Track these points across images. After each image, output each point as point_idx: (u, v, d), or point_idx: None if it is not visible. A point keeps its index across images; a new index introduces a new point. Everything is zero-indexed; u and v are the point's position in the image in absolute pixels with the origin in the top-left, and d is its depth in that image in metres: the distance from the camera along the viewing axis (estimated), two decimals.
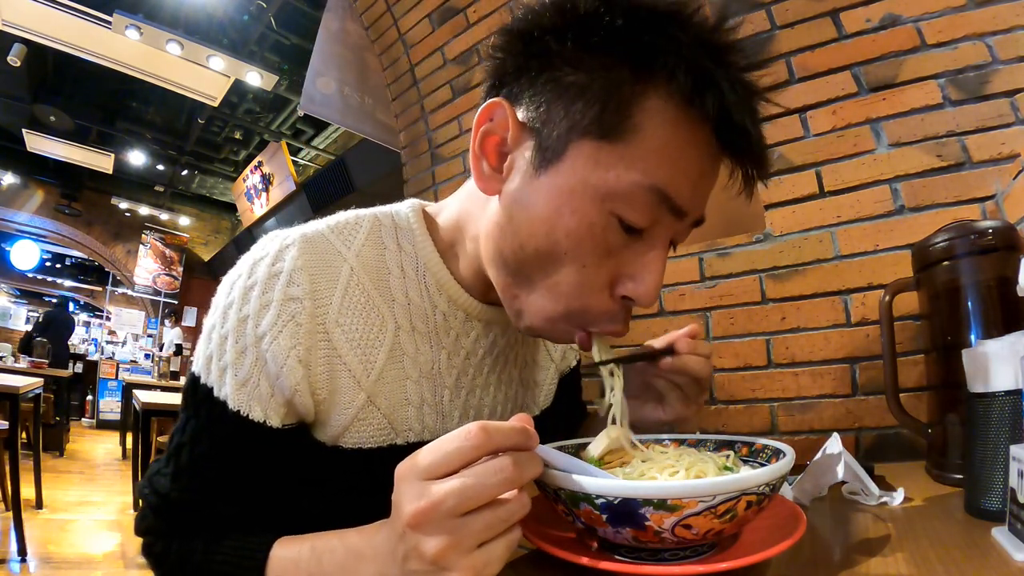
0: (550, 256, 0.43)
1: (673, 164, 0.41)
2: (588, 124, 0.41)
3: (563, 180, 0.42)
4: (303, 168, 6.80)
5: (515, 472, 0.34)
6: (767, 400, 1.12)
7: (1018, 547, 0.41)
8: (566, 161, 0.42)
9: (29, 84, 4.98)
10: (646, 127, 0.40)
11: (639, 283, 0.44)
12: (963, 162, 0.97)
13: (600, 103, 0.40)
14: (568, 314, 0.46)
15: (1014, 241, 0.69)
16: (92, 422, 7.63)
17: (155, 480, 0.50)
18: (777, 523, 0.44)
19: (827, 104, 1.11)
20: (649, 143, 0.40)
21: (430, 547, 0.33)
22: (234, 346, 0.47)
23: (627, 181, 0.40)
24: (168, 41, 3.71)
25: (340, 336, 0.49)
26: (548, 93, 0.42)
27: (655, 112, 0.40)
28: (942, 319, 0.73)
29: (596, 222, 0.42)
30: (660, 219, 0.42)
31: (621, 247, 0.43)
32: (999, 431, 0.52)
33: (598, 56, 0.41)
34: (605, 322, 0.46)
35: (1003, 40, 0.96)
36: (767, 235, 1.15)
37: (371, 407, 0.51)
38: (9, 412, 2.51)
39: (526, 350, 0.67)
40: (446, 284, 0.55)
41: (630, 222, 0.42)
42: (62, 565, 2.42)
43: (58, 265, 9.94)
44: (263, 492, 0.51)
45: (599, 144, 0.41)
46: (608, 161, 0.41)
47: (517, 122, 0.45)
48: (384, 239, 0.54)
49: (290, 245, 0.49)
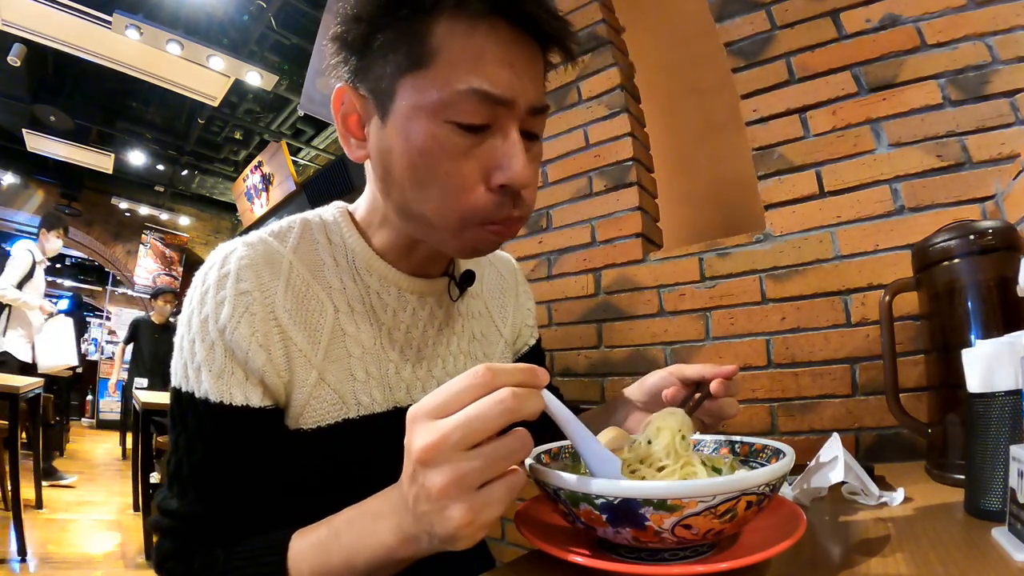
0: (421, 179, 0.50)
1: (476, 64, 0.47)
2: (401, 65, 0.48)
3: (401, 116, 0.49)
4: (303, 168, 6.80)
5: (515, 402, 0.35)
6: (767, 400, 1.12)
7: (1018, 547, 0.41)
8: (398, 101, 0.49)
9: (29, 84, 4.97)
10: (445, 45, 0.47)
11: (505, 168, 0.49)
12: (963, 162, 0.97)
13: (404, 44, 0.48)
14: (464, 218, 0.50)
15: (1014, 241, 0.69)
16: (92, 422, 7.63)
17: (163, 505, 0.53)
18: (777, 523, 0.44)
19: (827, 104, 1.11)
20: (452, 55, 0.47)
21: (436, 482, 0.34)
22: (202, 345, 0.52)
23: (446, 92, 0.47)
24: (168, 41, 3.71)
25: (288, 321, 0.54)
26: (371, 60, 0.50)
27: (447, 31, 0.47)
28: (942, 319, 0.73)
29: (436, 133, 0.48)
30: (494, 113, 0.48)
31: (473, 147, 0.49)
32: (999, 431, 0.52)
33: (389, 10, 0.48)
34: (496, 211, 0.50)
35: (1003, 40, 0.96)
36: (767, 235, 1.15)
37: (322, 384, 0.55)
38: (9, 412, 2.51)
39: (471, 323, 0.71)
40: (374, 264, 0.60)
41: (466, 123, 0.47)
42: (62, 565, 2.42)
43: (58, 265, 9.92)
44: (264, 487, 0.53)
45: (415, 75, 0.48)
46: (425, 84, 0.47)
47: (360, 96, 0.53)
48: (316, 236, 0.61)
49: (234, 250, 0.55)
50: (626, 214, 1.39)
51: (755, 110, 1.20)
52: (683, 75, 1.61)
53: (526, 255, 1.59)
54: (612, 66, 1.46)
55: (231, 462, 0.52)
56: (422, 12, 0.47)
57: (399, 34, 0.48)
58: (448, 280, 0.66)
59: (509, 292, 0.79)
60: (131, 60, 4.10)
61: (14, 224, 7.58)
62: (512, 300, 0.79)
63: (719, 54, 1.28)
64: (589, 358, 1.41)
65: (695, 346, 1.22)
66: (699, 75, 1.57)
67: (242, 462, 0.52)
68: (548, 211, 1.56)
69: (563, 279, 1.49)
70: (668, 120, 1.61)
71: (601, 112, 1.47)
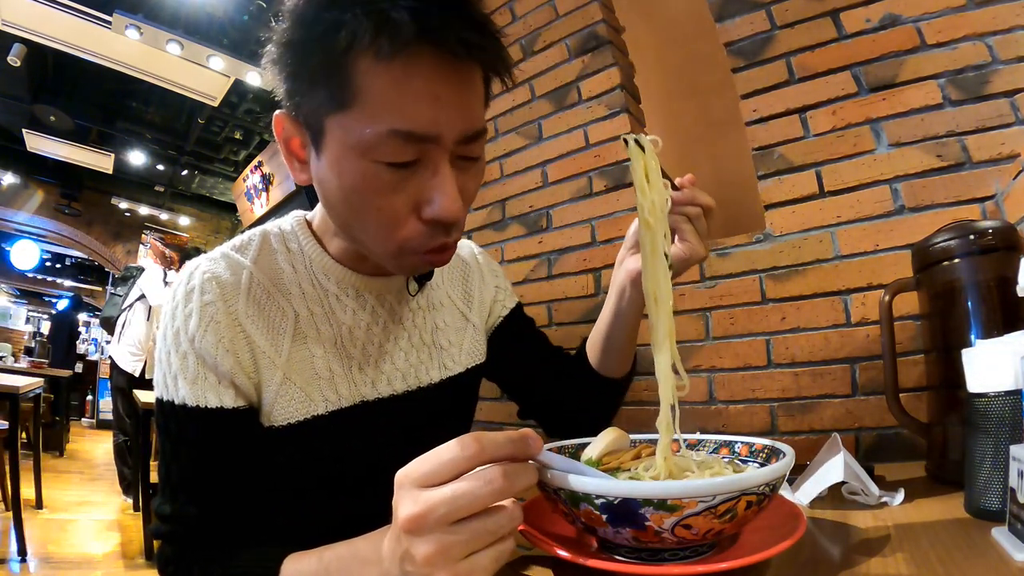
0: (355, 212, 0.51)
1: (397, 103, 0.46)
2: (326, 103, 0.48)
3: (331, 153, 0.49)
4: None
5: (505, 484, 0.35)
6: (767, 400, 1.12)
7: (1018, 547, 0.41)
8: (328, 138, 0.49)
9: (29, 84, 4.97)
10: (365, 86, 0.46)
11: (435, 203, 0.49)
12: (963, 162, 0.97)
13: (329, 81, 0.47)
14: (400, 248, 0.52)
15: (1014, 241, 0.69)
16: (92, 422, 7.63)
17: (159, 511, 0.56)
18: (777, 523, 0.44)
19: (827, 104, 1.11)
20: (372, 96, 0.46)
21: (421, 551, 0.34)
22: (176, 355, 0.55)
23: (370, 134, 0.46)
24: (168, 41, 3.70)
25: (251, 327, 0.57)
26: (302, 91, 0.50)
27: (368, 69, 0.45)
28: (942, 319, 0.73)
29: (366, 172, 0.48)
30: (420, 149, 0.47)
31: (402, 181, 0.48)
32: (999, 431, 0.52)
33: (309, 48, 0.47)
34: (428, 241, 0.52)
35: (1003, 40, 0.96)
36: (767, 235, 1.15)
37: (288, 383, 0.58)
38: (9, 412, 2.51)
39: (433, 315, 0.72)
40: (330, 268, 0.63)
41: (393, 161, 0.47)
42: (62, 565, 2.42)
43: (58, 265, 9.93)
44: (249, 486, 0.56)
45: (341, 115, 0.47)
46: (350, 124, 0.47)
47: (297, 124, 0.52)
48: (275, 245, 0.64)
49: (198, 266, 0.59)
50: (626, 214, 1.39)
51: (755, 110, 1.20)
52: (683, 75, 1.61)
53: (526, 255, 1.59)
54: (612, 66, 1.46)
55: (215, 463, 0.55)
56: (340, 51, 0.45)
57: (324, 68, 0.47)
58: (405, 277, 0.67)
59: (473, 276, 0.80)
60: (131, 60, 4.10)
61: (14, 224, 7.57)
62: (477, 283, 0.80)
63: (719, 54, 1.28)
64: None
65: (695, 346, 1.22)
66: (699, 75, 1.57)
67: (225, 462, 0.55)
68: (548, 211, 1.56)
69: (563, 279, 1.49)
70: (668, 120, 1.61)
71: (601, 112, 1.47)
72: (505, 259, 1.64)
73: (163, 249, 3.98)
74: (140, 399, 2.82)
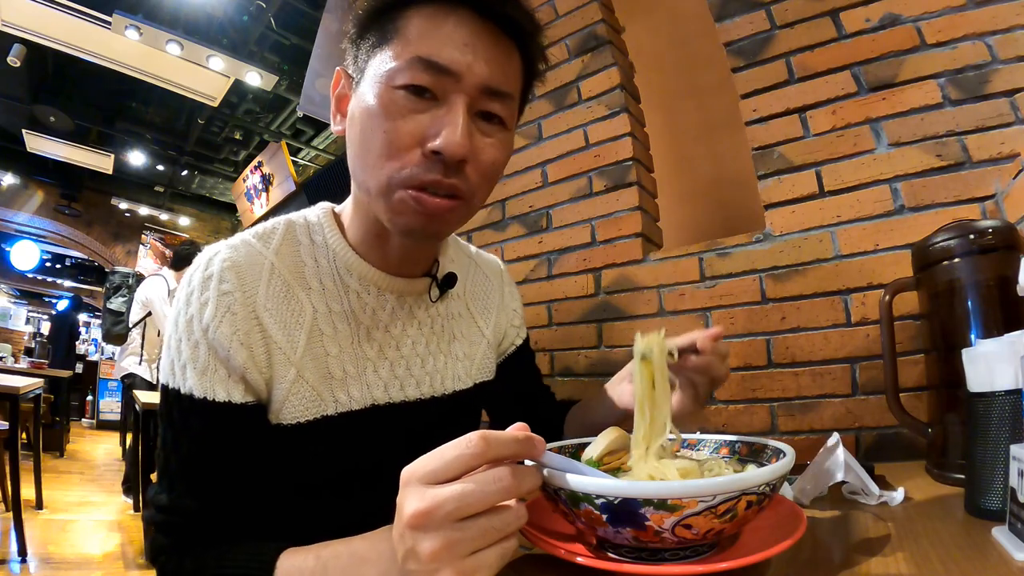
0: (366, 140, 0.53)
1: (430, 38, 0.51)
2: (372, 48, 0.54)
3: (363, 87, 0.54)
4: (303, 168, 6.79)
5: (513, 483, 0.35)
6: (767, 400, 1.12)
7: (1018, 547, 0.41)
8: (366, 75, 0.54)
9: (29, 84, 4.96)
10: (407, 26, 0.52)
11: (440, 136, 0.50)
12: (963, 162, 0.97)
13: (374, 30, 0.55)
14: (391, 178, 0.52)
15: (1014, 241, 0.69)
16: (92, 422, 7.63)
17: (155, 500, 0.55)
18: (777, 523, 0.44)
19: (827, 104, 1.11)
20: (410, 32, 0.52)
21: (426, 547, 0.34)
22: (187, 344, 0.54)
23: (399, 61, 0.51)
24: (168, 41, 3.70)
25: (269, 320, 0.56)
26: (358, 47, 0.57)
27: (411, 15, 0.53)
28: (942, 319, 0.73)
29: (385, 97, 0.52)
30: (439, 81, 0.51)
31: (416, 111, 0.51)
32: (999, 431, 0.52)
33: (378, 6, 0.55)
34: (422, 173, 0.51)
35: (1003, 40, 0.96)
36: (767, 235, 1.15)
37: (301, 380, 0.57)
38: (9, 412, 2.51)
39: (452, 324, 0.72)
40: (354, 264, 0.62)
41: (410, 84, 0.51)
42: (62, 565, 2.41)
43: (58, 265, 9.93)
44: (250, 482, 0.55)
45: (381, 51, 0.53)
46: (386, 57, 0.53)
47: (349, 76, 0.59)
48: (299, 237, 0.62)
49: (217, 253, 0.57)
50: (626, 214, 1.39)
51: (755, 110, 1.20)
52: (683, 75, 1.61)
53: (526, 255, 1.59)
54: (612, 66, 1.46)
55: (216, 457, 0.53)
56: (400, 6, 0.53)
57: (375, 16, 0.54)
58: (429, 281, 0.67)
59: (493, 293, 0.80)
60: (131, 60, 4.10)
61: (14, 224, 7.57)
62: (496, 301, 0.79)
63: (719, 54, 1.28)
64: (589, 358, 1.41)
65: None
66: (699, 75, 1.57)
67: (227, 457, 0.54)
68: (548, 211, 1.56)
69: (563, 279, 1.49)
70: (668, 120, 1.61)
71: (601, 112, 1.47)
72: (505, 259, 1.64)
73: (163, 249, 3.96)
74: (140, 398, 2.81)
